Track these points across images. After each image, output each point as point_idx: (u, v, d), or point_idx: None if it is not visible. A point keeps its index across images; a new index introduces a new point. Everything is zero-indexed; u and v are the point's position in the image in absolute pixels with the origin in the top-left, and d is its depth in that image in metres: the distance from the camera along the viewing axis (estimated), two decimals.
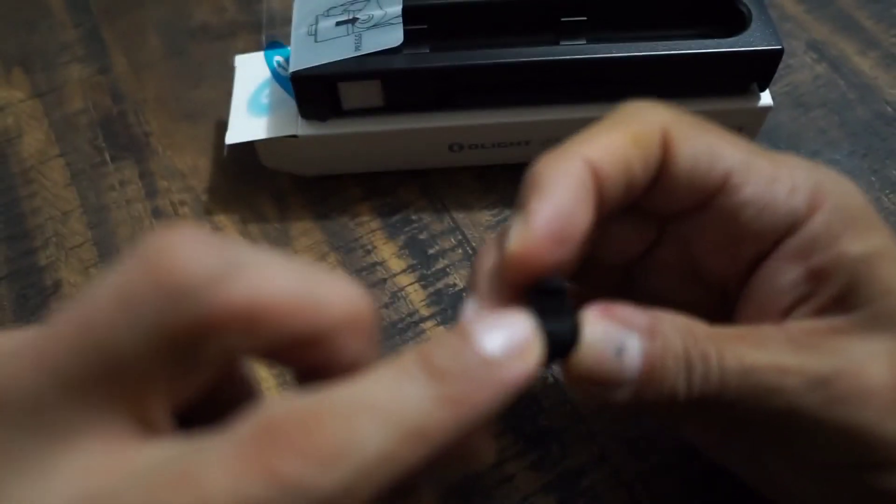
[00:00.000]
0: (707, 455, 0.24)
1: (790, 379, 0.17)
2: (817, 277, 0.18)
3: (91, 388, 0.13)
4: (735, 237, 0.19)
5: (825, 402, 0.17)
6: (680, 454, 0.26)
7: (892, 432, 0.17)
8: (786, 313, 0.19)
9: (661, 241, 0.22)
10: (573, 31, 0.32)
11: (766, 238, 0.19)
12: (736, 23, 0.31)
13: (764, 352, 0.18)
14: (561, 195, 0.18)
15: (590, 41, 0.32)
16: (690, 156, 0.19)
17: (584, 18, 0.32)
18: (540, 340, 0.16)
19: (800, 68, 0.38)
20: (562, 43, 0.32)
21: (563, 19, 0.32)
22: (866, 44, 0.39)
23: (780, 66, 0.31)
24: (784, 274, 0.19)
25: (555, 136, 0.33)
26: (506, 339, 0.15)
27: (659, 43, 0.31)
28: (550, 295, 0.17)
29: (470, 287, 0.19)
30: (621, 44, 0.31)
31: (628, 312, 0.18)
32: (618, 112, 0.20)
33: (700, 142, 0.19)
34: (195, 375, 0.14)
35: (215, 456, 0.13)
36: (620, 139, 0.19)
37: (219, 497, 0.12)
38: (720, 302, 0.22)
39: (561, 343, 0.17)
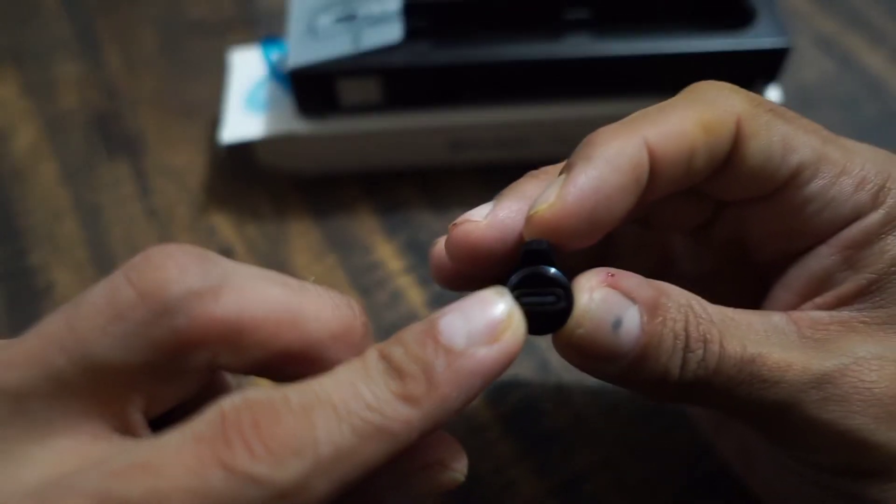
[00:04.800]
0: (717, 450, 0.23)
1: (791, 374, 0.17)
2: (852, 266, 0.18)
3: (74, 390, 0.14)
4: (794, 229, 0.19)
5: (822, 400, 0.17)
6: (684, 459, 0.26)
7: (887, 442, 0.17)
8: (808, 298, 0.19)
9: (715, 220, 0.21)
10: (576, 27, 0.32)
11: (826, 231, 0.18)
12: (743, 17, 0.31)
13: (768, 342, 0.17)
14: (607, 175, 0.16)
15: (593, 37, 0.31)
16: (762, 150, 0.18)
17: (587, 14, 0.31)
18: (517, 319, 0.15)
19: (807, 65, 0.38)
20: (564, 39, 0.32)
21: (565, 15, 0.31)
22: (876, 40, 0.39)
23: (788, 62, 0.31)
24: (822, 259, 0.18)
25: (556, 134, 0.33)
26: (470, 323, 0.14)
27: (664, 40, 0.30)
28: (537, 261, 0.16)
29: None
30: (625, 41, 0.30)
31: (633, 283, 0.16)
32: (692, 91, 0.18)
33: (774, 135, 0.18)
34: (176, 386, 0.15)
35: (173, 449, 0.13)
36: (689, 123, 0.17)
37: (174, 487, 0.12)
38: (758, 285, 0.21)
39: (550, 317, 0.16)
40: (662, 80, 0.31)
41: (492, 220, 0.18)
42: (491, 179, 0.35)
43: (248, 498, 0.12)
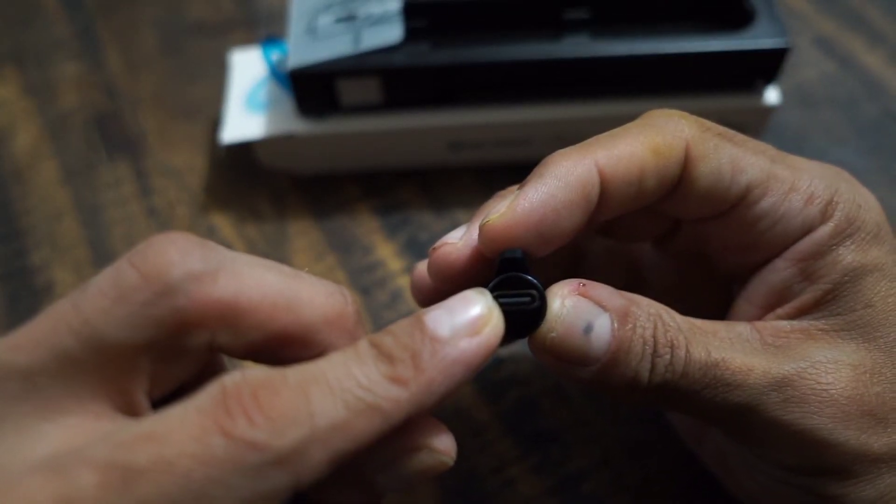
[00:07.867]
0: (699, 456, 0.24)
1: (753, 377, 0.18)
2: (808, 278, 0.19)
3: (82, 369, 0.15)
4: (749, 243, 0.20)
5: (782, 402, 0.18)
6: (682, 459, 0.26)
7: (844, 441, 0.18)
8: (770, 309, 0.20)
9: (676, 232, 0.22)
10: (575, 28, 0.32)
11: (779, 245, 0.19)
12: (742, 18, 0.31)
13: (732, 348, 0.18)
14: (555, 191, 0.18)
15: (593, 37, 0.31)
16: (711, 172, 0.19)
17: (587, 14, 0.31)
18: (496, 316, 0.16)
19: (806, 65, 0.38)
20: (564, 39, 0.32)
21: (565, 15, 0.31)
22: (874, 40, 0.39)
23: (787, 62, 0.31)
24: (780, 272, 0.19)
25: (556, 135, 0.33)
26: (454, 318, 0.16)
27: (663, 40, 0.30)
28: (513, 268, 0.17)
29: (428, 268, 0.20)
30: (624, 41, 0.30)
31: (605, 293, 0.18)
32: (644, 118, 0.20)
33: (723, 157, 0.19)
34: (177, 367, 0.16)
35: (177, 420, 0.14)
36: (640, 148, 0.18)
37: (178, 454, 0.13)
38: (726, 295, 0.22)
39: (526, 316, 0.17)
40: (662, 80, 0.32)
41: (467, 240, 0.19)
42: (491, 179, 0.35)
43: (247, 463, 0.13)
